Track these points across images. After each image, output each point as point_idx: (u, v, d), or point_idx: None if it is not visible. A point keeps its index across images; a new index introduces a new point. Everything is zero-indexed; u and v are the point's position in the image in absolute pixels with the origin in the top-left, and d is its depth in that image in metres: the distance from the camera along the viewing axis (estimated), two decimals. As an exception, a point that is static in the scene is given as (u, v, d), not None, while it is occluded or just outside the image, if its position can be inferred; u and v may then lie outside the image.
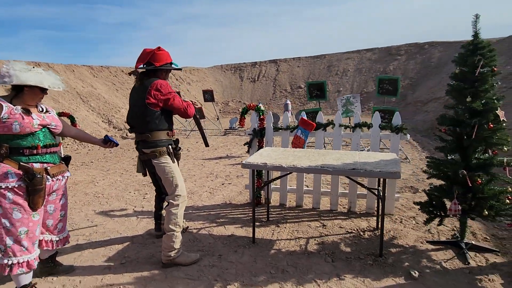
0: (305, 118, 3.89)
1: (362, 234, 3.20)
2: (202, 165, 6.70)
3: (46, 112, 2.26)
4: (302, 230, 3.32)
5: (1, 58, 11.79)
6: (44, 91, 2.19)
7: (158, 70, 2.60)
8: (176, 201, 2.57)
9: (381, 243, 2.74)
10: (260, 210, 3.85)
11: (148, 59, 2.58)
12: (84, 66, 16.13)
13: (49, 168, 2.18)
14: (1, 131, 2.03)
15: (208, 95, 11.98)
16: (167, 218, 2.57)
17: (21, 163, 2.06)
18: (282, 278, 2.47)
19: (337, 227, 3.36)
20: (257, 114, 3.96)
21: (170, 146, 2.60)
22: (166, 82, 2.56)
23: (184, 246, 2.88)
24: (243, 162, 2.92)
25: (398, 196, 3.80)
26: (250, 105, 4.04)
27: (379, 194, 2.85)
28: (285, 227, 3.39)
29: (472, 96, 2.54)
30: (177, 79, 20.98)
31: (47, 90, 2.21)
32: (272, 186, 4.06)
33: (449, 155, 2.74)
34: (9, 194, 2.02)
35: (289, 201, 4.10)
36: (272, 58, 24.59)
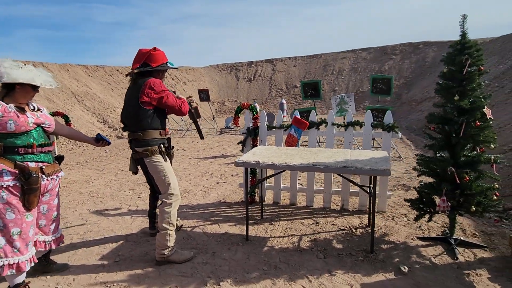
0: (298, 117, 3.93)
1: (354, 231, 3.25)
2: (198, 164, 6.72)
3: (38, 110, 2.25)
4: (295, 227, 3.35)
5: (-6, 58, 11.65)
6: (35, 89, 2.18)
7: (154, 70, 2.63)
8: (169, 200, 2.59)
9: (372, 240, 2.79)
10: (254, 208, 3.88)
11: (144, 60, 2.61)
12: (79, 66, 16.04)
13: (44, 167, 2.17)
14: None
15: (203, 95, 11.98)
16: (161, 216, 2.59)
17: (17, 162, 2.05)
18: (275, 275, 2.50)
19: (329, 225, 3.41)
20: (251, 113, 4.00)
21: (162, 145, 2.62)
22: (159, 81, 2.58)
23: (178, 244, 2.91)
24: (237, 160, 2.96)
25: (390, 193, 3.85)
26: (244, 104, 4.07)
27: (371, 192, 2.89)
28: (278, 225, 3.42)
29: (459, 94, 2.59)
30: (172, 79, 20.94)
31: (39, 88, 2.21)
32: (266, 184, 4.09)
33: (438, 153, 2.79)
34: (3, 193, 2.02)
35: (283, 199, 4.14)
36: (268, 57, 24.59)
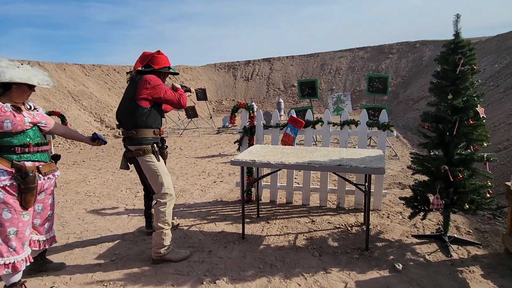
0: (294, 116, 3.95)
1: (349, 229, 3.27)
2: (195, 163, 6.73)
3: (34, 109, 2.25)
4: (291, 226, 3.37)
5: (-10, 57, 11.58)
6: (32, 88, 2.18)
7: (156, 72, 2.66)
8: (163, 199, 2.60)
9: (367, 238, 2.82)
10: (250, 207, 3.90)
11: (147, 62, 2.66)
12: (75, 65, 15.97)
13: (40, 166, 2.18)
14: None
15: (200, 94, 11.97)
16: (156, 216, 2.60)
17: (13, 162, 2.05)
18: (270, 272, 2.52)
19: (325, 223, 3.43)
20: (247, 113, 4.01)
21: (155, 144, 2.62)
22: (155, 76, 2.59)
23: (174, 242, 2.92)
24: (232, 159, 2.97)
25: (385, 192, 3.88)
26: (241, 103, 4.08)
27: (366, 190, 2.92)
28: (274, 223, 3.44)
29: (453, 93, 2.62)
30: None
31: (35, 88, 2.21)
32: (262, 183, 4.11)
33: (432, 151, 2.82)
34: (0, 193, 2.02)
35: (279, 198, 4.16)
36: (265, 56, 24.58)
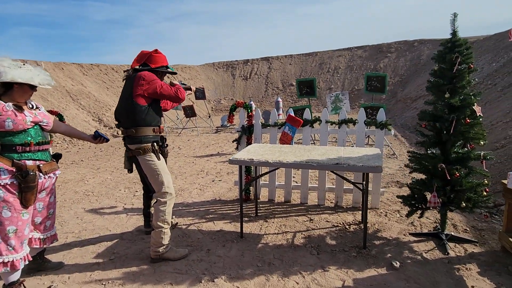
0: (292, 115, 3.95)
1: (347, 227, 3.29)
2: (193, 162, 6.73)
3: (36, 108, 2.28)
4: (289, 224, 3.39)
5: (-13, 56, 11.55)
6: (33, 88, 2.20)
7: (153, 71, 2.64)
8: (163, 198, 2.60)
9: (364, 236, 2.83)
10: (249, 206, 3.91)
11: (144, 60, 2.64)
12: (73, 64, 15.93)
13: (41, 165, 2.19)
14: None
15: (199, 93, 11.96)
16: (155, 215, 2.61)
17: (14, 160, 2.06)
18: (268, 271, 2.53)
19: (323, 221, 3.44)
20: (245, 111, 4.02)
21: (155, 143, 2.61)
22: (149, 72, 2.57)
23: (173, 241, 2.93)
24: (231, 158, 2.98)
25: (383, 190, 3.90)
26: (239, 102, 4.09)
27: (363, 188, 2.93)
28: (273, 222, 3.45)
29: (450, 92, 2.63)
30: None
31: (36, 88, 2.23)
32: (261, 182, 4.12)
33: (429, 150, 2.83)
34: (0, 191, 2.03)
35: (277, 196, 4.17)
36: (264, 55, 24.54)
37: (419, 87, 15.26)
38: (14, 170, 2.06)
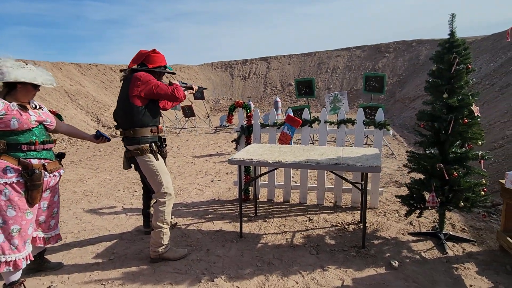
0: (291, 115, 3.97)
1: (346, 227, 3.30)
2: (192, 162, 6.73)
3: (40, 108, 2.31)
4: (288, 224, 3.39)
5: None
6: (36, 88, 2.23)
7: (151, 71, 2.62)
8: (163, 198, 2.60)
9: (363, 235, 2.84)
10: (248, 206, 3.91)
11: (142, 60, 2.62)
12: (71, 64, 15.89)
13: (46, 164, 2.23)
14: None
15: (198, 93, 11.95)
16: (155, 215, 2.61)
17: (20, 159, 2.09)
18: (268, 270, 2.54)
19: (322, 221, 3.45)
20: (244, 112, 4.02)
21: (153, 143, 2.61)
22: (145, 73, 2.55)
23: (172, 241, 2.93)
24: (230, 158, 2.98)
25: (382, 190, 3.91)
26: (238, 102, 4.10)
27: (362, 188, 2.94)
28: (272, 222, 3.46)
29: (448, 92, 2.64)
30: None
31: (39, 87, 2.25)
32: (260, 182, 4.13)
33: (427, 150, 2.84)
34: (6, 190, 2.05)
35: (277, 196, 4.18)
36: (263, 55, 24.56)
37: (417, 87, 15.31)
38: (20, 168, 2.09)
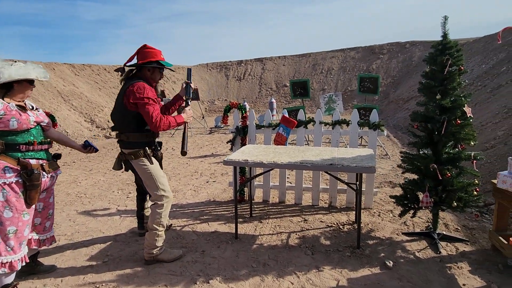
0: (286, 116, 3.97)
1: (341, 227, 3.31)
2: (187, 163, 6.70)
3: (36, 110, 2.31)
4: (284, 225, 3.40)
5: (-24, 56, 11.34)
6: (32, 83, 2.22)
7: (143, 68, 2.56)
8: (161, 201, 2.57)
9: (358, 236, 2.86)
10: (243, 207, 3.91)
11: (135, 57, 2.58)
12: (65, 64, 15.73)
13: (44, 164, 2.23)
14: None
15: (193, 94, 11.91)
16: (152, 216, 2.59)
17: (20, 159, 2.09)
18: (263, 271, 2.54)
19: (318, 222, 3.46)
20: (239, 112, 4.02)
21: (147, 148, 2.55)
22: (144, 86, 2.44)
23: (167, 243, 2.91)
24: (225, 159, 2.98)
25: (376, 190, 3.94)
26: (233, 103, 4.09)
27: (357, 189, 2.96)
28: (267, 223, 3.46)
29: (441, 93, 2.67)
30: (164, 83, 20.74)
31: (34, 82, 2.24)
32: (255, 183, 4.13)
33: (421, 150, 2.87)
34: (4, 191, 2.04)
35: (272, 197, 4.18)
36: (258, 56, 24.57)
37: (411, 88, 15.45)
38: (19, 168, 2.09)
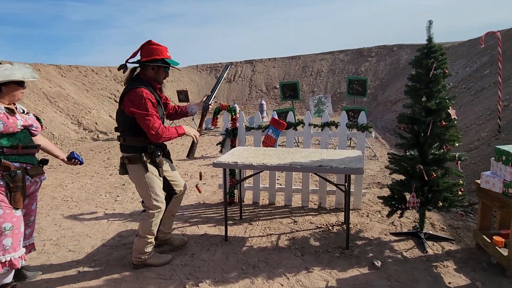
0: (276, 117, 3.99)
1: (331, 228, 3.34)
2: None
3: (27, 113, 2.27)
4: (274, 227, 3.40)
5: (-42, 57, 11.03)
6: (21, 85, 2.18)
7: (147, 66, 2.44)
8: (152, 210, 2.51)
9: (347, 236, 2.88)
10: (233, 209, 3.90)
11: (138, 53, 2.45)
12: (51, 65, 15.42)
13: (28, 168, 2.18)
14: None
15: (182, 96, 11.86)
16: (143, 224, 2.53)
17: (2, 160, 2.04)
18: (253, 274, 2.53)
19: (307, 223, 3.48)
20: (229, 114, 4.02)
21: (144, 153, 2.43)
22: (141, 94, 2.31)
23: (156, 247, 2.88)
24: (215, 161, 2.97)
25: (365, 191, 3.99)
26: (223, 105, 4.08)
27: (346, 190, 2.99)
28: (257, 225, 3.46)
29: (426, 96, 2.73)
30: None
31: (24, 84, 2.19)
32: (245, 185, 4.12)
33: (408, 151, 2.92)
34: None
35: (262, 199, 4.18)
36: (248, 58, 24.63)
37: (398, 91, 15.72)
38: (2, 170, 2.04)
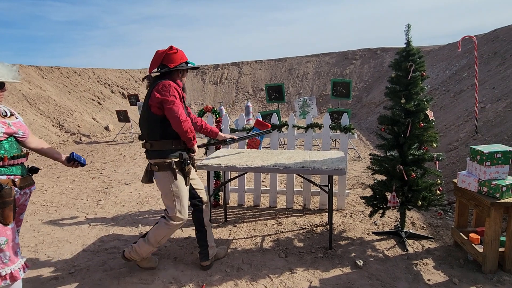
0: (260, 119, 4.00)
1: (314, 229, 3.37)
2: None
3: (11, 116, 2.02)
4: (258, 228, 3.41)
5: None
6: (1, 87, 1.94)
7: (174, 71, 2.43)
8: (173, 221, 2.41)
9: (330, 237, 2.92)
10: (218, 211, 3.88)
11: (161, 62, 2.41)
12: (31, 67, 14.98)
13: (16, 180, 1.98)
14: None
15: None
16: (158, 232, 2.44)
17: None
18: (237, 276, 2.53)
19: (292, 224, 3.50)
20: (213, 116, 4.00)
21: (173, 159, 2.36)
22: (170, 83, 2.31)
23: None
24: (198, 163, 2.95)
25: (348, 192, 4.04)
26: (207, 107, 4.06)
27: (329, 190, 3.02)
28: (242, 227, 3.46)
29: (405, 98, 2.80)
30: (135, 81, 20.26)
31: (4, 86, 1.97)
32: (230, 187, 4.11)
33: (388, 152, 2.99)
34: None
35: (247, 201, 4.18)
36: (234, 60, 24.63)
37: (382, 93, 16.00)
38: None
